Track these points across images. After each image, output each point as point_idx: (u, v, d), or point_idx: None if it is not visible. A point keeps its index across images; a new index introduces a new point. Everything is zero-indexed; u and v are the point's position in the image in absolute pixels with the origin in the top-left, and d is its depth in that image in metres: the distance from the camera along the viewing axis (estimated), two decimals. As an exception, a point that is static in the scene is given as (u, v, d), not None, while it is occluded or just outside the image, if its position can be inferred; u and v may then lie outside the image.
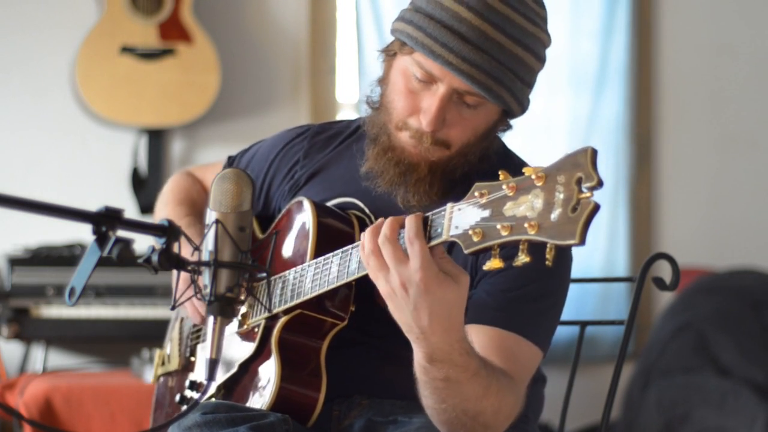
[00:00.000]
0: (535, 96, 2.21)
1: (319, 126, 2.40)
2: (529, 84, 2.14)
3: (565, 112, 5.03)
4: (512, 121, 2.24)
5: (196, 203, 2.46)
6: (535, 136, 4.92)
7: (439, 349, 1.86)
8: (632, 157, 5.13)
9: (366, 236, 1.88)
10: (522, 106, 2.16)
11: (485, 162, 2.16)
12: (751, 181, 5.24)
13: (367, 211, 2.21)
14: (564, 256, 2.13)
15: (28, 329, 4.23)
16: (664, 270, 2.38)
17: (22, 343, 4.40)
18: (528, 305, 2.07)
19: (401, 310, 1.85)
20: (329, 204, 2.23)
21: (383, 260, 1.84)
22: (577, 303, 4.87)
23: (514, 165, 2.07)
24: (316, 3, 4.90)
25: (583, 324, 2.54)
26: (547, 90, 4.96)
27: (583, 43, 5.07)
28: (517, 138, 2.28)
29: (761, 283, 4.61)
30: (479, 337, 1.99)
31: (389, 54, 2.17)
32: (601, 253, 5.06)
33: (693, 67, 5.22)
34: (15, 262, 4.25)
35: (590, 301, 4.99)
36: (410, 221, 1.83)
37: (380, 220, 1.89)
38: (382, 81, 2.19)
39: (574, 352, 2.52)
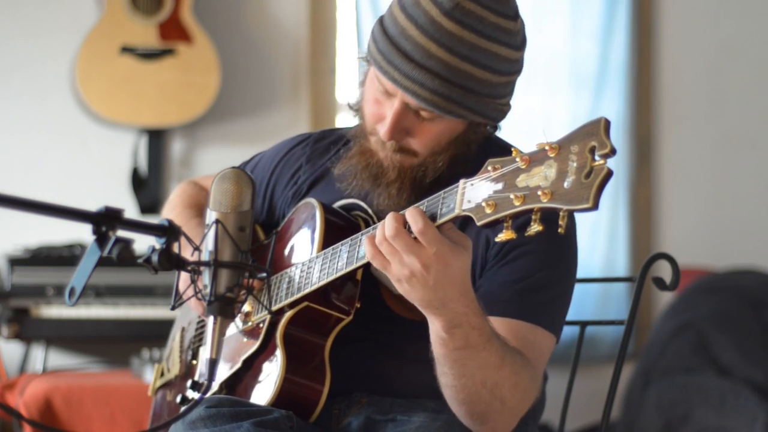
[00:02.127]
0: (535, 95, 2.21)
1: (321, 133, 2.43)
2: (492, 95, 2.11)
3: (565, 112, 5.02)
4: (512, 120, 2.24)
5: (202, 208, 2.47)
6: (535, 136, 4.90)
7: (456, 312, 1.90)
8: (632, 157, 5.13)
9: (378, 231, 1.90)
10: (488, 116, 2.13)
11: (461, 165, 2.13)
12: (750, 181, 5.23)
13: (370, 211, 2.23)
14: (569, 243, 2.15)
15: (28, 329, 4.22)
16: (664, 270, 2.38)
17: (22, 343, 4.40)
18: (538, 294, 2.09)
19: (420, 289, 1.88)
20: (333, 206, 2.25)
21: (394, 248, 1.87)
22: (577, 303, 4.79)
23: (498, 147, 2.08)
24: (316, 3, 4.89)
25: (583, 324, 2.55)
26: (547, 90, 4.95)
27: (583, 43, 5.06)
28: (518, 138, 2.28)
29: (761, 283, 4.61)
30: None
31: (367, 60, 2.19)
32: (601, 253, 5.06)
33: (693, 67, 5.22)
34: (15, 262, 4.25)
35: (590, 301, 4.99)
36: (411, 216, 1.86)
37: (381, 223, 1.91)
38: (361, 86, 2.22)
39: (574, 352, 2.53)
